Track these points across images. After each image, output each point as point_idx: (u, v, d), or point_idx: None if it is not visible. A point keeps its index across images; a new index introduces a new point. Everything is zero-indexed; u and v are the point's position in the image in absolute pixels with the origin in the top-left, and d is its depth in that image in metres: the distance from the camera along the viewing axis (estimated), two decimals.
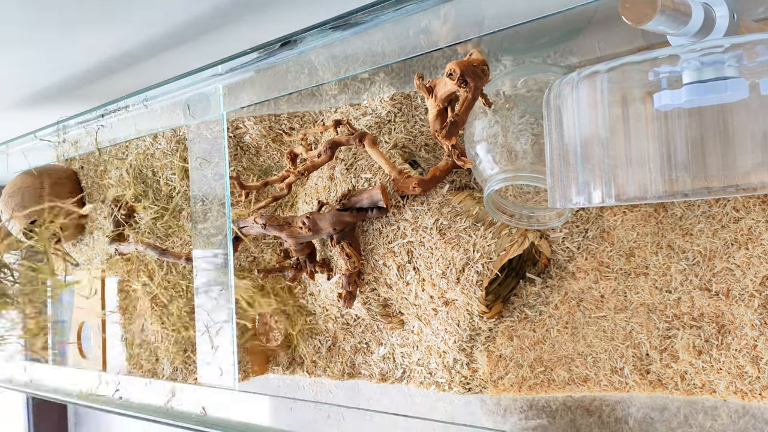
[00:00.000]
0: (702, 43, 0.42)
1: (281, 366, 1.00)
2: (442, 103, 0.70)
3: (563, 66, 0.71)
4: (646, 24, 0.42)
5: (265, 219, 0.86)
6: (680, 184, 0.41)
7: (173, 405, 1.01)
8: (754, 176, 0.40)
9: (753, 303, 0.64)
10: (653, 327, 0.69)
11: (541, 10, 0.58)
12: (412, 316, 0.82)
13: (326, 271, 0.87)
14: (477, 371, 0.79)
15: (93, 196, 1.31)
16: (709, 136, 0.41)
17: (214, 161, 0.90)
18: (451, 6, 0.64)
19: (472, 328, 0.80)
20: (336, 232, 0.81)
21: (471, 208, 0.74)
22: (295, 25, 0.76)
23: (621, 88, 0.44)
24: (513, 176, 0.63)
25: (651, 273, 0.69)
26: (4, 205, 1.29)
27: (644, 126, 0.43)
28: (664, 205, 0.69)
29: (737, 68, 0.40)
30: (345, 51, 0.74)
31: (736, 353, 0.64)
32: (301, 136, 0.92)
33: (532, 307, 0.77)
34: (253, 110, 1.01)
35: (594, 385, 0.73)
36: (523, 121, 0.65)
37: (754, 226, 0.64)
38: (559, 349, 0.75)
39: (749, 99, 0.40)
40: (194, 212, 0.95)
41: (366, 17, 0.70)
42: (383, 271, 0.80)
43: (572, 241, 0.74)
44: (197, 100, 0.93)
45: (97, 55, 0.93)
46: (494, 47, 0.75)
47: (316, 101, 0.96)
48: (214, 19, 0.81)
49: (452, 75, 0.63)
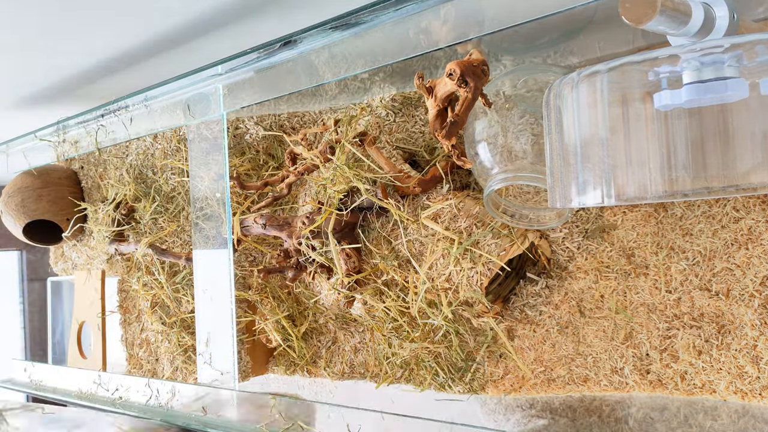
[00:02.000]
0: (702, 43, 0.42)
1: (281, 366, 1.00)
2: (442, 103, 0.70)
3: (563, 66, 0.71)
4: (646, 24, 0.42)
5: (265, 219, 0.86)
6: (680, 184, 0.41)
7: (173, 405, 1.01)
8: (754, 176, 0.40)
9: (753, 303, 0.64)
10: (653, 327, 0.69)
11: (541, 10, 0.58)
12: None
13: (326, 271, 0.87)
14: (478, 371, 0.79)
15: (93, 196, 1.31)
16: (709, 136, 0.41)
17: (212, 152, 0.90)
18: (451, 6, 0.64)
19: (473, 328, 0.80)
20: (336, 232, 0.81)
21: (471, 208, 0.74)
22: (295, 25, 0.76)
23: (621, 88, 0.44)
24: (513, 176, 0.63)
25: (651, 273, 0.69)
26: (4, 205, 1.29)
27: (644, 126, 0.43)
28: (664, 205, 0.69)
29: (737, 68, 0.40)
30: (345, 51, 0.74)
31: (736, 353, 0.64)
32: (301, 137, 0.92)
33: (533, 307, 0.77)
34: (253, 110, 1.01)
35: (594, 385, 0.73)
36: (523, 121, 0.65)
37: (754, 226, 0.64)
38: (559, 349, 0.75)
39: (749, 99, 0.40)
40: (194, 212, 0.95)
41: (366, 17, 0.70)
42: (383, 270, 0.81)
43: (572, 241, 0.74)
44: (197, 100, 0.93)
45: (97, 55, 0.93)
46: (494, 47, 0.75)
47: (316, 101, 0.96)
48: (214, 19, 0.81)
49: (452, 75, 0.63)
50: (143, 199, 1.13)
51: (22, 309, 1.76)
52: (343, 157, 0.79)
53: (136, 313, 1.24)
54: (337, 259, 0.83)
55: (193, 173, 0.95)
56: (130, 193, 1.15)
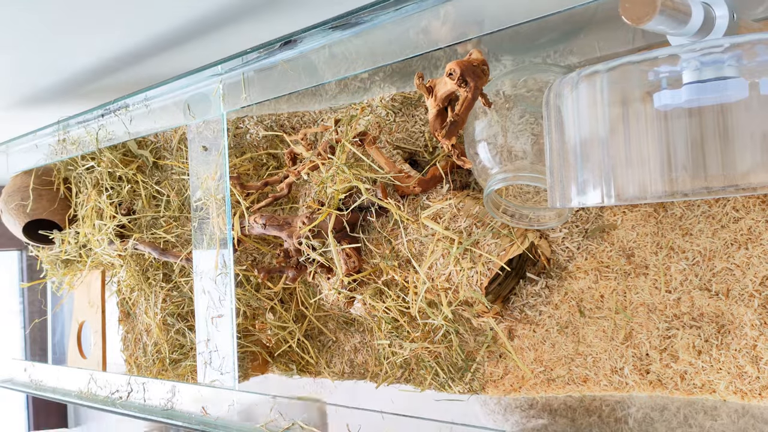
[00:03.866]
0: (702, 43, 0.42)
1: (281, 366, 1.00)
2: (441, 102, 0.70)
3: (563, 66, 0.71)
4: (645, 24, 0.42)
5: (265, 219, 0.86)
6: (680, 183, 0.41)
7: (173, 405, 1.01)
8: (753, 176, 0.40)
9: (753, 303, 0.64)
10: (653, 327, 0.69)
11: (541, 10, 0.58)
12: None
13: (326, 271, 0.87)
14: (478, 371, 0.79)
15: (92, 196, 1.30)
16: (708, 136, 0.41)
17: (212, 152, 0.90)
18: (451, 6, 0.64)
19: (473, 328, 0.80)
20: (336, 232, 0.81)
21: (471, 208, 0.74)
22: (295, 25, 0.76)
23: (621, 87, 0.44)
24: (513, 176, 0.63)
25: (651, 273, 0.69)
26: (4, 205, 1.29)
27: (644, 126, 0.43)
28: (663, 205, 0.69)
29: (737, 68, 0.40)
30: (345, 51, 0.74)
31: (735, 353, 0.64)
32: (301, 136, 0.92)
33: (532, 307, 0.77)
34: (253, 110, 1.01)
35: (594, 385, 0.73)
36: (523, 121, 0.65)
37: (754, 226, 0.64)
38: (559, 349, 0.75)
39: (749, 99, 0.40)
40: (194, 212, 0.95)
41: (366, 17, 0.70)
42: (383, 270, 0.81)
43: (572, 240, 0.74)
44: (197, 100, 0.93)
45: (97, 55, 0.93)
46: (494, 47, 0.75)
47: (316, 101, 0.96)
48: (214, 19, 0.81)
49: (452, 75, 0.63)
50: (143, 199, 1.13)
51: (22, 309, 1.76)
52: (343, 157, 0.79)
53: (136, 313, 1.24)
54: (337, 259, 0.83)
55: (193, 173, 0.95)
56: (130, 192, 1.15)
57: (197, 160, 0.94)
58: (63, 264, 1.33)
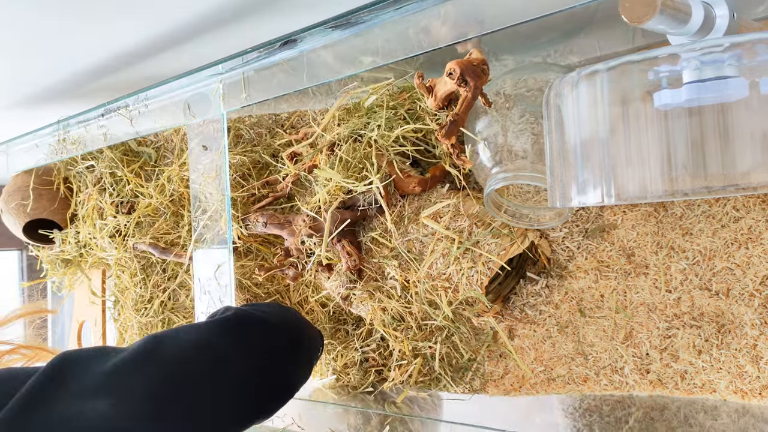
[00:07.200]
0: (702, 43, 0.42)
1: None
2: (441, 102, 0.70)
3: (563, 65, 0.71)
4: (646, 23, 0.42)
5: (265, 218, 0.86)
6: (680, 183, 0.41)
7: None
8: (754, 175, 0.40)
9: (753, 302, 0.64)
10: (653, 326, 0.69)
11: (541, 9, 0.58)
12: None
13: (327, 269, 0.87)
14: (478, 370, 0.79)
15: (92, 196, 1.30)
16: (708, 135, 0.41)
17: (213, 151, 0.90)
18: (451, 6, 0.64)
19: (473, 328, 0.80)
20: (336, 231, 0.81)
21: (471, 208, 0.74)
22: (295, 25, 0.76)
23: (621, 87, 0.44)
24: (513, 176, 0.63)
25: (651, 272, 0.69)
26: (4, 205, 1.29)
27: (644, 125, 0.43)
28: (664, 204, 0.69)
29: (737, 67, 0.40)
30: (345, 50, 0.74)
31: (736, 353, 0.64)
32: (301, 136, 0.92)
33: (533, 307, 0.77)
34: (253, 109, 1.01)
35: (594, 385, 0.73)
36: (523, 121, 0.64)
37: (754, 225, 0.64)
38: (559, 348, 0.75)
39: (749, 98, 0.40)
40: (194, 211, 0.95)
41: (366, 17, 0.70)
42: (383, 269, 0.80)
43: (572, 240, 0.74)
44: (197, 100, 0.93)
45: (97, 55, 0.93)
46: (494, 46, 0.75)
47: (316, 101, 0.96)
48: (214, 19, 0.81)
49: (452, 74, 0.63)
50: (143, 199, 1.13)
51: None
52: (344, 156, 0.79)
53: (135, 313, 1.24)
54: (337, 258, 0.83)
55: (193, 172, 0.95)
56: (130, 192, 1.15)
57: (197, 160, 0.94)
58: (63, 264, 1.33)
